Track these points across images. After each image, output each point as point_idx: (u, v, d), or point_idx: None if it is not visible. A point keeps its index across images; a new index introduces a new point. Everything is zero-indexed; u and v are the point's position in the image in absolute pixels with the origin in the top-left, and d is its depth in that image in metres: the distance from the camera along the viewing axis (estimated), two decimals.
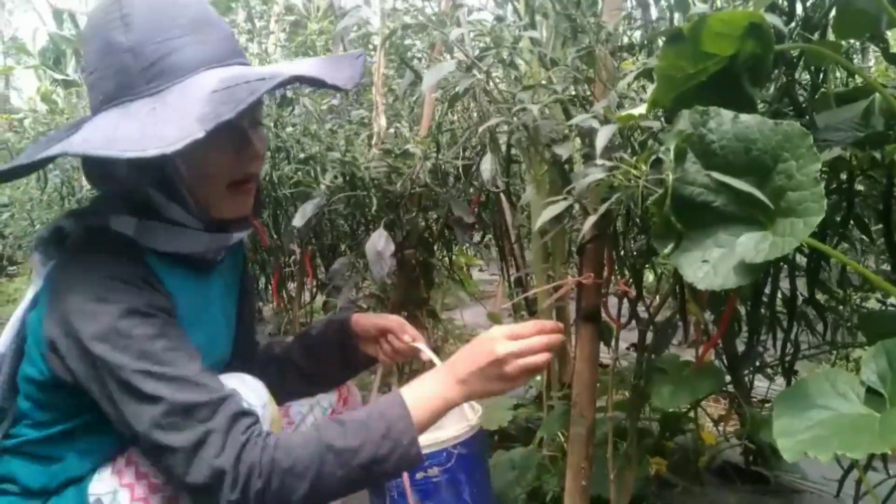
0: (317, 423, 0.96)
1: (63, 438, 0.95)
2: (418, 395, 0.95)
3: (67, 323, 0.87)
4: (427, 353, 1.14)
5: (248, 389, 0.97)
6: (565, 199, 0.93)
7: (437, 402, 0.94)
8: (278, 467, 0.85)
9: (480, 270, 4.20)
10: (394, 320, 1.23)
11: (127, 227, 0.94)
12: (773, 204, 0.75)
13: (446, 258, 2.13)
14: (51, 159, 0.91)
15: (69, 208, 3.60)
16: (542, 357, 0.94)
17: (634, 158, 0.81)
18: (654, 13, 1.20)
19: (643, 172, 0.78)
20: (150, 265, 0.94)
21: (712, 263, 0.79)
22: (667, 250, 0.79)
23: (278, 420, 1.07)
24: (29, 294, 0.98)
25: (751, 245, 0.76)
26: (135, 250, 0.94)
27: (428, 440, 1.15)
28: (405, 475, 1.16)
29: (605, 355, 1.30)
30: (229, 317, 1.14)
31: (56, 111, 4.15)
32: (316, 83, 1.03)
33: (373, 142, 1.52)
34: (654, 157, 0.81)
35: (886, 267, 1.31)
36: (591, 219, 0.84)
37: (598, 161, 0.86)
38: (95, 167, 1.01)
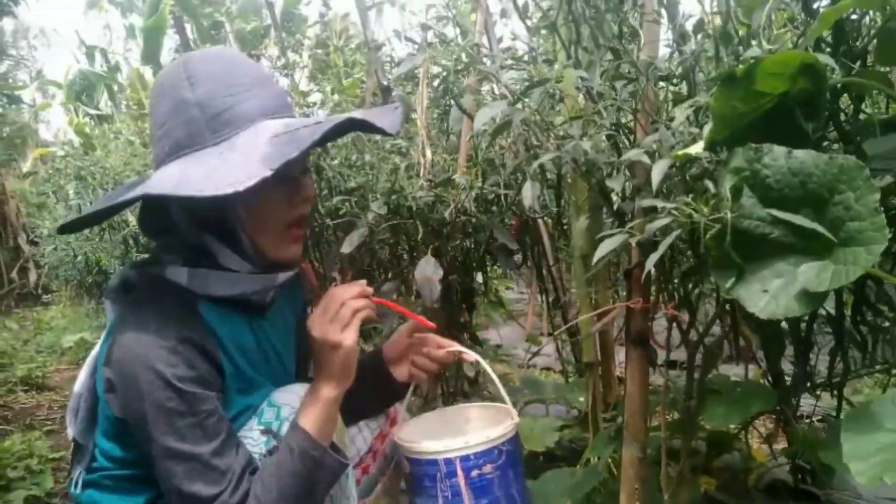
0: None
1: (141, 474, 0.99)
2: (305, 411, 1.01)
3: (121, 374, 0.94)
4: (471, 355, 1.18)
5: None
6: (621, 231, 0.97)
7: (323, 406, 1.01)
8: None
9: (507, 289, 4.23)
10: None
11: (180, 276, 1.00)
12: (831, 235, 0.78)
13: (481, 280, 2.17)
14: (129, 203, 0.97)
15: (119, 245, 3.68)
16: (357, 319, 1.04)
17: (691, 196, 0.84)
18: (692, 45, 1.24)
19: (704, 212, 0.81)
20: (202, 316, 0.99)
21: (772, 293, 0.82)
22: (728, 283, 0.82)
23: (343, 429, 1.12)
24: (103, 336, 1.05)
25: (813, 274, 0.79)
26: (189, 302, 0.99)
27: (480, 438, 1.16)
28: (460, 474, 1.16)
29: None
30: (289, 354, 1.18)
31: (90, 144, 4.27)
32: (366, 127, 1.09)
33: (419, 172, 1.57)
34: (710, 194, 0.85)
35: None
36: (654, 256, 0.87)
37: (645, 201, 0.88)
38: (151, 217, 1.08)
